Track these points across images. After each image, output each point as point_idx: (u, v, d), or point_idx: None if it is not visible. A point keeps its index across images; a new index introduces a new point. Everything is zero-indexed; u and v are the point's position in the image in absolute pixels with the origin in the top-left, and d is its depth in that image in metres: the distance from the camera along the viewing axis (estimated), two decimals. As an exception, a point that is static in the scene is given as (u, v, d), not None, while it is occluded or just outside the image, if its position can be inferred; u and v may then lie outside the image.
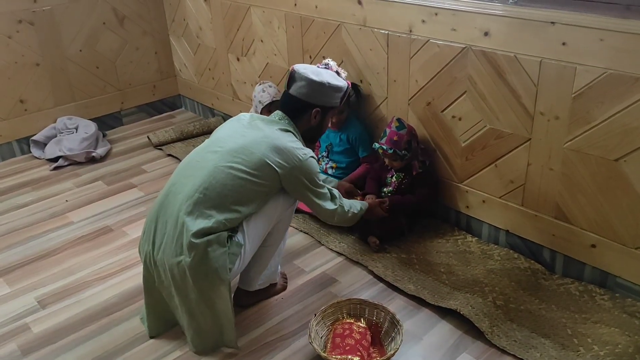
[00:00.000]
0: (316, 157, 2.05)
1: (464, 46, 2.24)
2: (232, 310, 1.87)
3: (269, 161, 1.85)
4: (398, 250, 2.43)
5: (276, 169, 1.86)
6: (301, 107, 1.99)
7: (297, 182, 1.92)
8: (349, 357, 1.78)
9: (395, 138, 2.42)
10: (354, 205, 2.17)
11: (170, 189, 1.91)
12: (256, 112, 2.96)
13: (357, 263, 2.37)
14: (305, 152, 1.93)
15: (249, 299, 2.14)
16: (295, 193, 1.97)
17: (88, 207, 2.93)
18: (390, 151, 2.42)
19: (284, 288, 2.24)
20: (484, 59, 2.19)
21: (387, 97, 2.64)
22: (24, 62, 3.41)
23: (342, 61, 2.77)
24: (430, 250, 2.43)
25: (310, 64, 2.93)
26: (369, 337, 1.90)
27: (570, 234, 2.15)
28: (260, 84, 3.00)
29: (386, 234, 2.45)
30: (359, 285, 2.25)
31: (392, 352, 1.81)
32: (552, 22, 1.95)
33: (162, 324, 2.02)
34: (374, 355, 1.86)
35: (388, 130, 2.45)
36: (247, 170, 1.84)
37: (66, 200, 2.99)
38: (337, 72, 2.09)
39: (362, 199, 2.54)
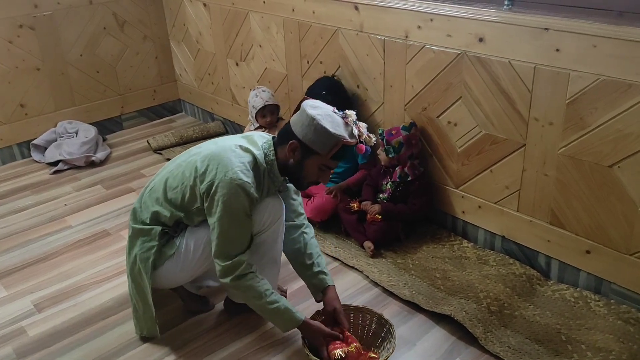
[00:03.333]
0: (253, 194, 1.74)
1: (459, 52, 2.24)
2: (150, 305, 1.94)
3: (197, 162, 1.80)
4: (394, 255, 2.44)
5: (198, 167, 1.78)
6: (285, 134, 1.78)
7: (210, 199, 1.75)
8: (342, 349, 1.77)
9: (393, 132, 2.47)
10: (280, 299, 1.82)
11: None
12: (251, 117, 2.98)
13: (352, 268, 2.37)
14: (238, 175, 1.71)
15: (234, 306, 2.13)
16: (208, 217, 1.79)
17: (86, 211, 2.94)
18: (381, 138, 2.48)
19: None
20: (479, 65, 2.19)
21: (383, 103, 2.64)
22: (25, 67, 3.44)
23: (339, 66, 2.78)
24: (426, 255, 2.43)
25: (308, 69, 2.96)
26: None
27: (565, 239, 2.15)
28: (254, 89, 3.01)
29: (382, 239, 2.45)
30: (354, 290, 2.25)
31: (391, 350, 1.80)
32: (546, 29, 1.95)
33: None
34: (372, 355, 1.85)
35: (397, 126, 2.50)
36: (182, 167, 1.85)
37: (65, 204, 3.01)
38: (356, 128, 1.75)
39: (359, 205, 2.54)
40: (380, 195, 2.57)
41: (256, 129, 3.03)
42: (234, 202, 1.72)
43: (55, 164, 3.42)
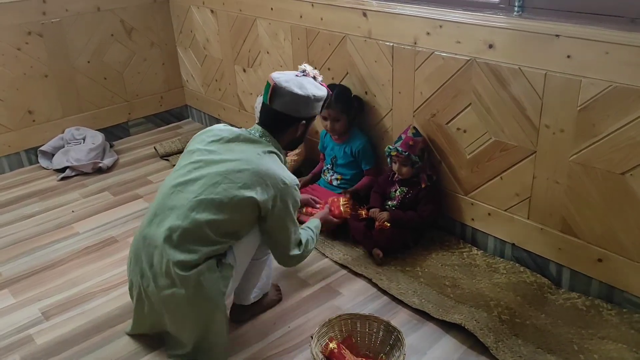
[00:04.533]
0: (297, 194, 1.92)
1: (468, 58, 2.23)
2: (226, 333, 1.89)
3: (250, 192, 1.77)
4: (403, 262, 2.42)
5: (257, 198, 1.77)
6: (287, 122, 1.94)
7: (278, 210, 1.83)
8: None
9: (411, 143, 2.43)
10: (310, 236, 2.05)
11: (152, 219, 1.85)
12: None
13: (361, 275, 2.36)
14: (291, 177, 1.89)
15: (245, 314, 2.13)
16: (271, 223, 1.85)
17: (94, 217, 2.94)
18: (405, 154, 2.41)
19: (279, 299, 2.23)
20: (488, 71, 2.18)
21: (392, 109, 2.63)
22: (33, 74, 3.45)
23: (347, 72, 2.77)
24: (435, 263, 2.41)
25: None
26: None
27: (577, 247, 2.13)
28: (260, 95, 3.01)
29: (391, 246, 2.44)
30: (362, 298, 2.24)
31: (401, 358, 1.78)
32: (557, 35, 1.93)
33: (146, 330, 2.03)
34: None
35: (404, 136, 2.46)
36: (228, 203, 1.77)
37: (72, 211, 3.01)
38: (315, 77, 2.01)
39: (367, 213, 2.53)
40: (389, 203, 2.55)
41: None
42: (297, 201, 1.91)
43: (62, 170, 3.42)
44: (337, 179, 2.80)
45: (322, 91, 1.98)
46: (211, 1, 3.49)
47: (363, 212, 2.54)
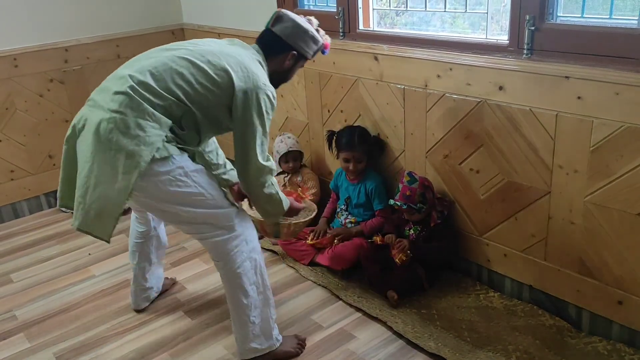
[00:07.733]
0: (274, 104, 1.90)
1: (479, 100, 2.25)
2: (121, 204, 1.73)
3: (232, 70, 1.80)
4: (418, 305, 2.38)
5: (235, 79, 1.79)
6: (279, 47, 1.98)
7: (248, 105, 1.80)
8: None
9: (407, 193, 2.43)
10: (281, 194, 2.01)
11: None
12: (275, 161, 3.00)
13: (375, 318, 2.32)
14: (267, 85, 1.87)
15: None
16: (239, 122, 1.81)
17: (110, 260, 2.96)
18: (405, 207, 2.43)
19: (297, 354, 2.13)
20: (499, 113, 2.19)
21: (404, 150, 2.65)
22: (54, 119, 3.54)
23: (360, 115, 2.81)
24: (451, 305, 2.37)
25: (329, 117, 2.99)
26: None
27: (596, 290, 2.08)
28: (280, 135, 3.06)
29: (405, 288, 2.41)
30: (377, 342, 2.20)
31: None
32: (567, 77, 1.95)
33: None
34: None
35: (401, 186, 2.46)
36: (207, 68, 1.79)
37: (89, 254, 3.04)
38: (317, 30, 2.07)
39: (382, 239, 2.52)
40: (404, 242, 2.54)
41: (279, 173, 3.06)
42: (270, 106, 1.87)
43: (80, 213, 3.46)
44: (351, 222, 2.79)
45: (320, 38, 2.05)
46: (227, 47, 3.59)
47: (377, 239, 2.53)
